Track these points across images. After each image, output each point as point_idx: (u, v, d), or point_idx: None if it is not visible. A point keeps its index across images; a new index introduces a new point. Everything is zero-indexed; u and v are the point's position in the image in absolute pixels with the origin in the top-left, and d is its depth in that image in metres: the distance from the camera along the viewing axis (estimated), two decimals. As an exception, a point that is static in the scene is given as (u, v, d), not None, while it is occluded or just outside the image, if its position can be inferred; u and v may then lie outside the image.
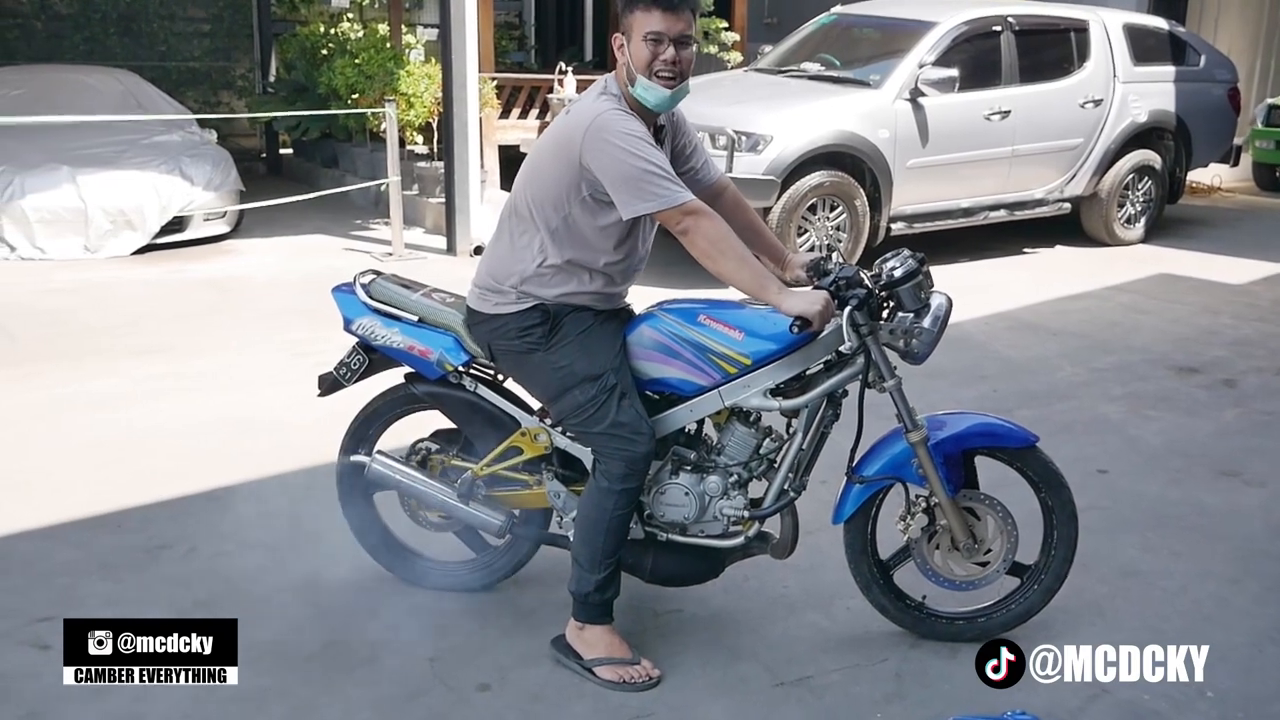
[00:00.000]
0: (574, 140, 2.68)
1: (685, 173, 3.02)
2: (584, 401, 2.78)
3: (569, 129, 2.72)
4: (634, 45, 2.70)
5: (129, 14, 13.02)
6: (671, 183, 2.66)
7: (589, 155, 2.66)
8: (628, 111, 2.70)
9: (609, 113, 2.67)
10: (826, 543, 3.32)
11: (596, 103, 2.72)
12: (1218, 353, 6.02)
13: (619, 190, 2.65)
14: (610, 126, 2.64)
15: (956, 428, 2.95)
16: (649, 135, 2.69)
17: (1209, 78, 9.08)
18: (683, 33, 2.69)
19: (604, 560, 2.84)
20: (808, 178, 7.14)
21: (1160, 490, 4.20)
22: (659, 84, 2.70)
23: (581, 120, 2.69)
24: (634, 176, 2.63)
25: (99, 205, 7.65)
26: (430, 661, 2.96)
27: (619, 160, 2.63)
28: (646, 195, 2.64)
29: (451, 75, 7.98)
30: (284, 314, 6.35)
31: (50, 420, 4.65)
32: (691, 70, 2.77)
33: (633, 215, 2.67)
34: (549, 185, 2.77)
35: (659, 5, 2.66)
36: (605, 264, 2.82)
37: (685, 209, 2.66)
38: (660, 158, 2.68)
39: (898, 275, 2.79)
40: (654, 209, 2.65)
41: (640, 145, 2.63)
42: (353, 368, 3.15)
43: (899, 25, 8.10)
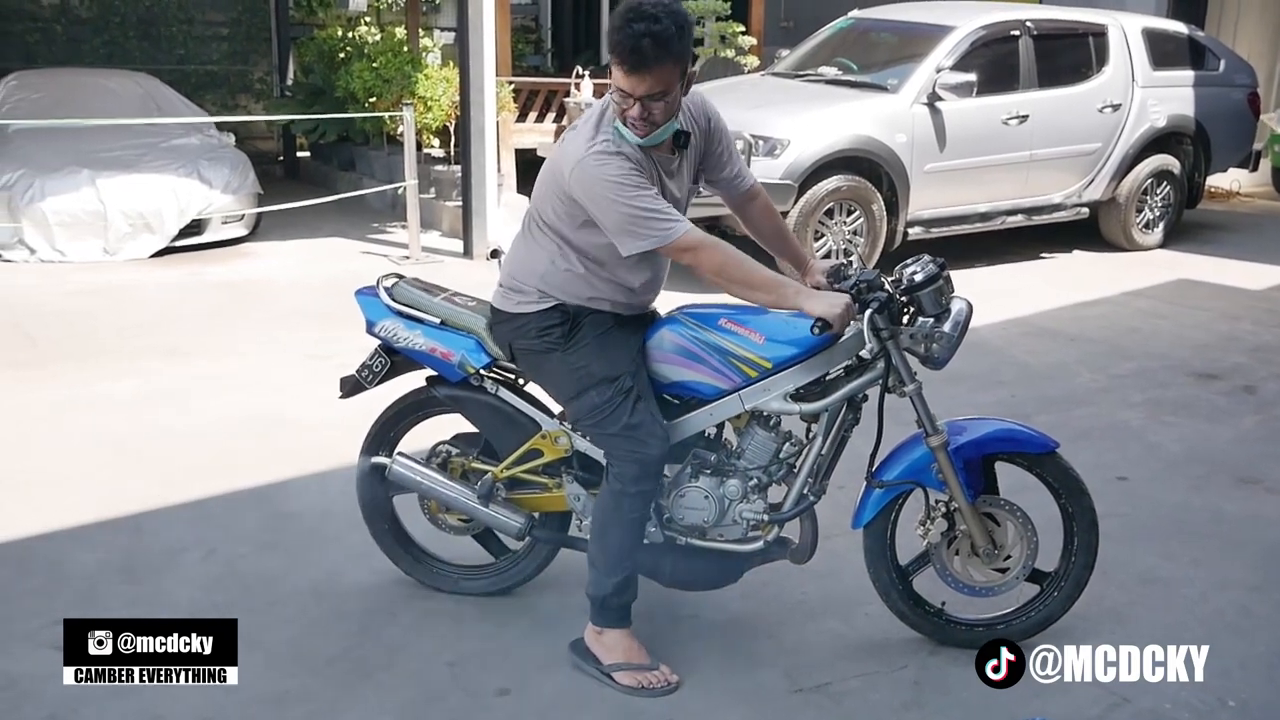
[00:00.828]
0: (562, 176, 2.70)
1: (718, 179, 3.02)
2: (600, 403, 2.79)
3: (559, 164, 2.73)
4: (613, 91, 2.66)
5: (148, 18, 13.12)
6: (662, 221, 2.64)
7: (578, 195, 2.67)
8: (614, 150, 2.64)
9: (591, 156, 2.63)
10: (845, 548, 3.32)
11: (583, 143, 2.67)
12: (1238, 359, 5.98)
13: (613, 233, 2.67)
14: (593, 174, 2.63)
15: (977, 433, 2.95)
16: (635, 173, 2.64)
17: (1228, 82, 9.02)
18: (648, 92, 2.60)
19: (620, 563, 2.85)
20: (824, 182, 7.12)
21: (1180, 497, 4.18)
22: (632, 132, 2.67)
23: (568, 160, 2.68)
24: (625, 219, 2.63)
25: (118, 208, 7.69)
26: (449, 666, 2.97)
27: (605, 207, 2.63)
28: (639, 236, 2.64)
29: (469, 79, 8.00)
30: (302, 316, 6.37)
31: (69, 421, 4.68)
32: (672, 114, 2.68)
33: (630, 253, 2.68)
34: (552, 210, 2.79)
35: (622, 66, 2.59)
36: (620, 276, 2.83)
37: (681, 245, 2.66)
38: (647, 197, 2.64)
39: (918, 280, 2.79)
40: (649, 248, 2.66)
41: (625, 190, 2.61)
42: (375, 370, 3.16)
43: (917, 29, 8.08)
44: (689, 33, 2.63)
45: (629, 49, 2.55)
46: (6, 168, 7.75)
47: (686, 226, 2.68)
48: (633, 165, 2.66)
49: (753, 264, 2.74)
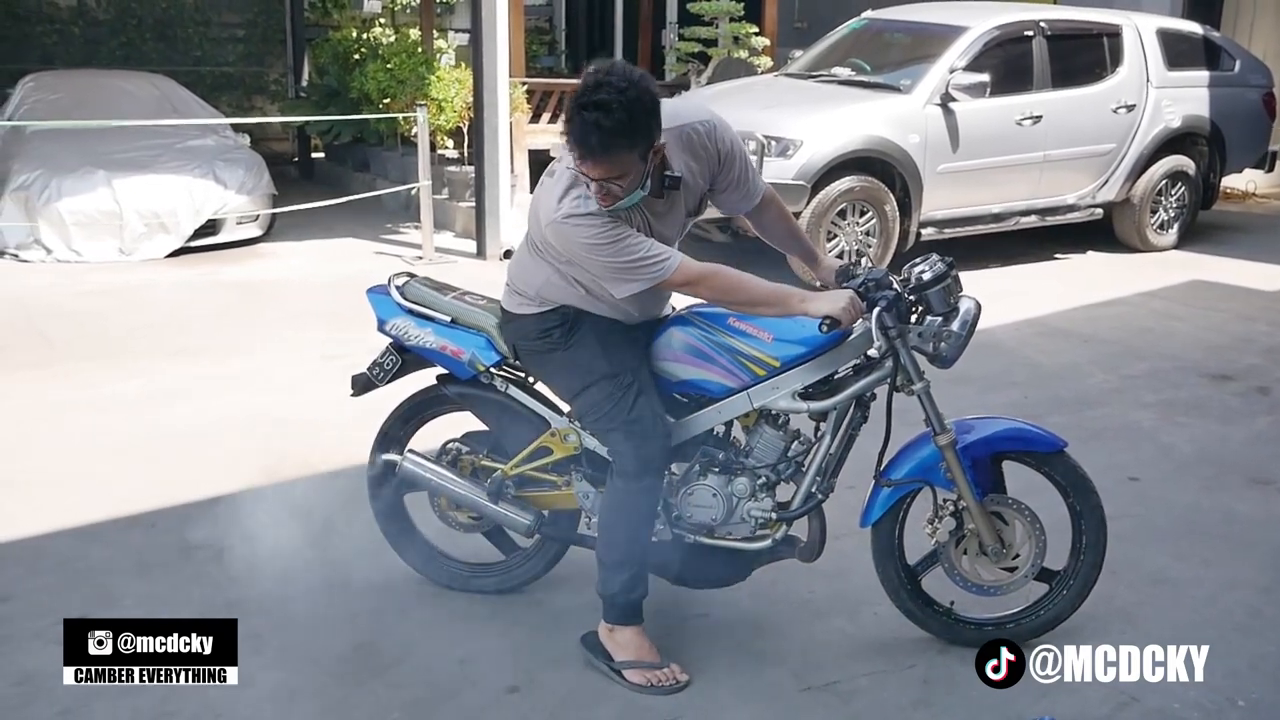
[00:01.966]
0: (543, 232, 2.71)
1: (733, 202, 2.97)
2: (601, 399, 2.80)
3: (536, 215, 2.74)
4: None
5: (165, 19, 13.23)
6: (653, 263, 2.63)
7: (558, 249, 2.69)
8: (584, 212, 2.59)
9: (562, 221, 2.62)
10: (853, 547, 3.32)
11: (554, 202, 2.64)
12: (1251, 360, 5.96)
13: (605, 282, 2.69)
14: (569, 236, 2.62)
15: (985, 432, 2.95)
16: (610, 229, 2.59)
17: (1243, 82, 8.97)
18: (603, 177, 2.53)
19: (627, 559, 2.86)
20: (837, 183, 7.12)
21: (1192, 498, 4.17)
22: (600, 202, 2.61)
23: (543, 215, 2.69)
24: (611, 271, 2.66)
25: (134, 208, 7.75)
26: (460, 663, 2.99)
27: (590, 263, 2.67)
28: (631, 279, 2.66)
29: (482, 80, 8.03)
30: (315, 316, 6.41)
31: (84, 420, 4.72)
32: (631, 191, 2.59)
33: (625, 295, 2.70)
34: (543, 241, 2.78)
35: (575, 151, 2.53)
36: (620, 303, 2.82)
37: (675, 280, 2.67)
38: (629, 245, 2.61)
39: (926, 279, 2.79)
40: (644, 288, 2.68)
41: (603, 249, 2.61)
42: (386, 368, 3.18)
43: (930, 30, 8.07)
44: (647, 115, 2.51)
45: (578, 139, 2.49)
46: (24, 168, 7.84)
47: (678, 261, 2.66)
48: (608, 220, 2.62)
49: (752, 282, 2.74)
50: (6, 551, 3.57)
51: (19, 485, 4.06)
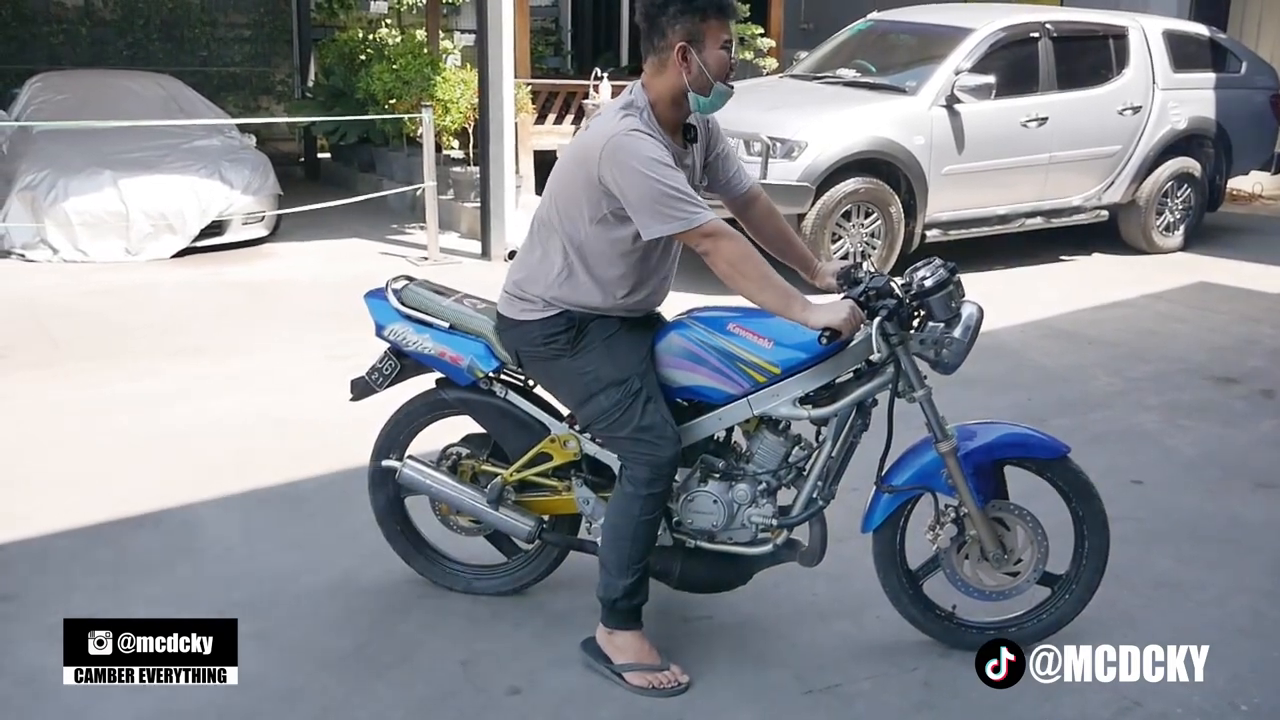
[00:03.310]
0: (591, 158, 2.69)
1: (717, 181, 3.04)
2: (609, 406, 2.80)
3: (586, 147, 2.74)
4: (712, 53, 2.74)
5: (171, 20, 13.26)
6: (690, 204, 2.65)
7: (606, 175, 2.67)
8: (646, 132, 2.68)
9: (624, 135, 2.66)
10: (855, 550, 3.32)
11: (613, 122, 2.71)
12: (1256, 363, 5.95)
13: (638, 212, 2.66)
14: (627, 148, 2.64)
15: (986, 438, 2.95)
16: (667, 156, 2.68)
17: (1250, 84, 8.95)
18: (732, 37, 2.81)
19: (631, 566, 2.86)
20: (842, 184, 7.12)
21: (1196, 502, 4.16)
22: (726, 86, 2.78)
23: (598, 139, 2.69)
24: (652, 198, 2.63)
25: (140, 208, 7.77)
26: (462, 664, 2.99)
27: (637, 183, 2.63)
28: (665, 217, 2.64)
29: (488, 81, 8.04)
30: (320, 316, 6.42)
31: (90, 419, 4.74)
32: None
33: (651, 236, 2.68)
34: (571, 200, 2.78)
35: (729, 14, 2.77)
36: (627, 279, 2.83)
37: (704, 231, 2.66)
38: (679, 179, 2.67)
39: (928, 285, 2.78)
40: (673, 230, 2.66)
41: (658, 167, 2.63)
42: (384, 373, 3.19)
43: (935, 31, 8.07)
44: None
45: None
46: (30, 168, 7.86)
47: (711, 214, 2.69)
48: (665, 148, 2.69)
49: (768, 266, 2.75)
50: (10, 551, 3.58)
51: (23, 484, 4.08)
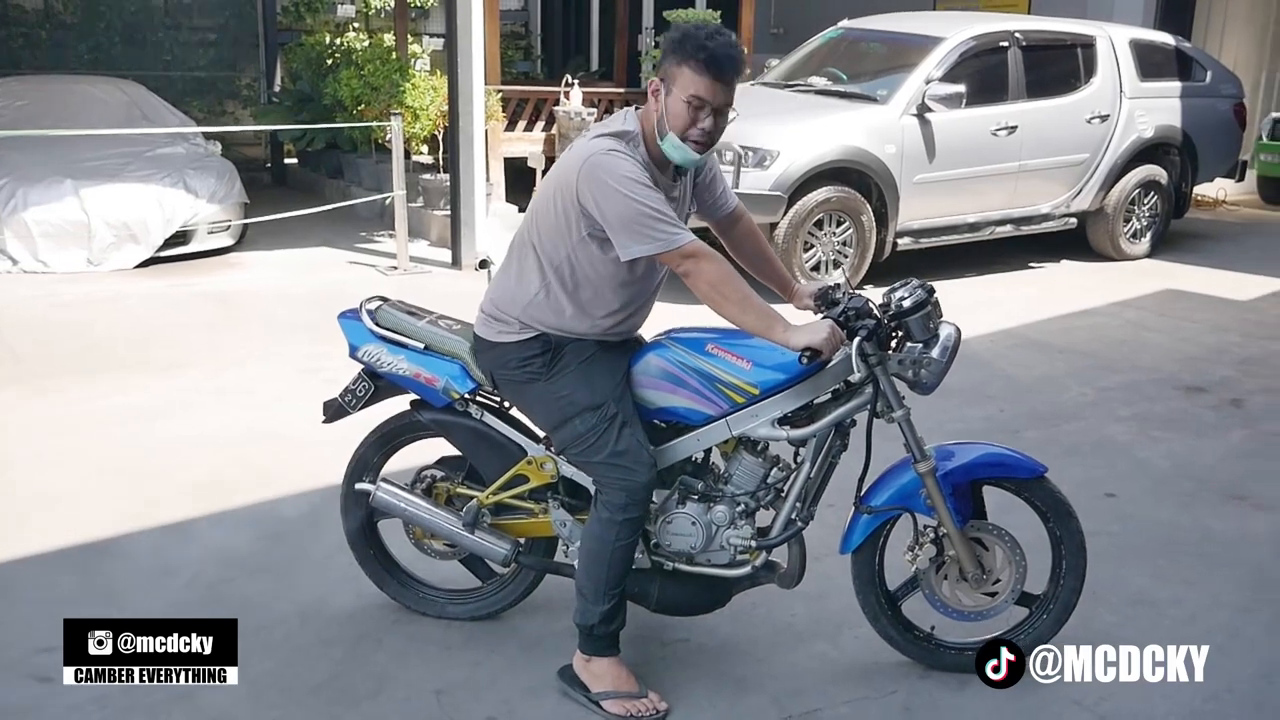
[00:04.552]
0: (570, 179, 2.66)
1: (705, 204, 3.01)
2: (584, 431, 2.77)
3: (566, 167, 2.70)
4: (673, 101, 2.64)
5: (134, 23, 13.07)
6: (670, 225, 2.61)
7: (585, 195, 2.63)
8: (626, 152, 2.64)
9: (603, 154, 2.62)
10: (835, 570, 3.30)
11: (594, 141, 2.67)
12: (1225, 372, 6.00)
13: (616, 233, 2.62)
14: (605, 166, 2.60)
15: (965, 458, 2.93)
16: (646, 176, 2.63)
17: (1214, 93, 9.06)
18: (725, 103, 2.65)
19: (608, 591, 2.82)
20: (814, 193, 7.13)
21: (1169, 515, 4.18)
22: (690, 147, 2.66)
23: (576, 159, 2.66)
24: (631, 219, 2.59)
25: (102, 218, 7.65)
26: (437, 694, 2.94)
27: (615, 202, 2.59)
28: (644, 238, 2.60)
29: (457, 87, 7.98)
30: (290, 329, 6.34)
31: (52, 439, 4.64)
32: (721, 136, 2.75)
33: (630, 257, 2.64)
34: (552, 221, 2.75)
35: (711, 72, 2.60)
36: (608, 303, 2.80)
37: (684, 252, 2.62)
38: (658, 200, 2.62)
39: (907, 305, 2.77)
40: (652, 251, 2.62)
41: (636, 187, 2.59)
42: (358, 394, 3.14)
43: (906, 40, 8.09)
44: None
45: (723, 56, 2.60)
46: (-11, 177, 7.70)
47: (691, 235, 2.66)
48: (645, 171, 2.65)
49: (749, 287, 2.72)
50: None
51: (-15, 508, 3.98)
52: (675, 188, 2.82)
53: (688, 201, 2.92)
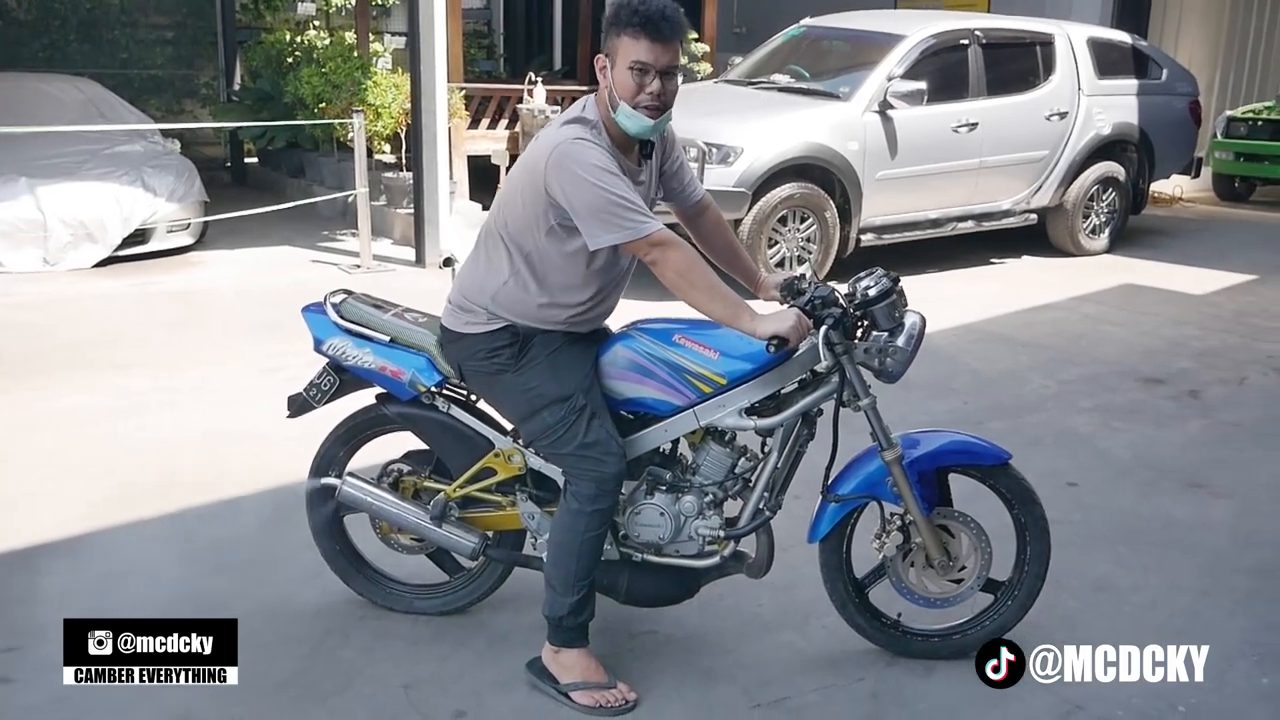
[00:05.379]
0: (538, 168, 2.65)
1: (672, 190, 3.01)
2: (553, 423, 2.76)
3: (534, 156, 2.69)
4: (618, 72, 2.64)
5: (90, 20, 12.88)
6: (638, 213, 2.61)
7: (553, 184, 2.62)
8: (593, 141, 2.64)
9: (570, 142, 2.61)
10: (802, 560, 3.31)
11: (561, 130, 2.66)
12: (1183, 364, 6.09)
13: (584, 221, 2.61)
14: (572, 155, 2.59)
15: (931, 446, 2.96)
16: (614, 164, 2.63)
17: (1170, 90, 9.20)
18: (670, 64, 2.64)
19: (577, 583, 2.82)
20: (778, 190, 7.15)
21: (1130, 503, 4.23)
22: (643, 114, 2.66)
23: (544, 148, 2.65)
24: (598, 208, 2.58)
25: (58, 217, 7.52)
26: (404, 688, 2.92)
27: (583, 191, 2.58)
28: (612, 226, 2.60)
29: (420, 85, 7.94)
30: (251, 328, 6.27)
31: (9, 440, 4.56)
32: (675, 99, 2.73)
33: (598, 246, 2.64)
34: (519, 211, 2.74)
35: (648, 34, 2.59)
36: (577, 291, 2.80)
37: (652, 240, 2.62)
38: (626, 188, 2.62)
39: (872, 294, 2.79)
40: (620, 240, 2.61)
41: (604, 175, 2.58)
42: (323, 389, 3.11)
43: (867, 38, 8.15)
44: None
45: (657, 17, 2.58)
46: (-59, 176, 7.56)
47: (659, 224, 2.65)
48: (612, 158, 2.64)
49: (716, 276, 2.72)
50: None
51: (-60, 509, 3.91)
52: (641, 171, 2.82)
53: (654, 187, 2.92)
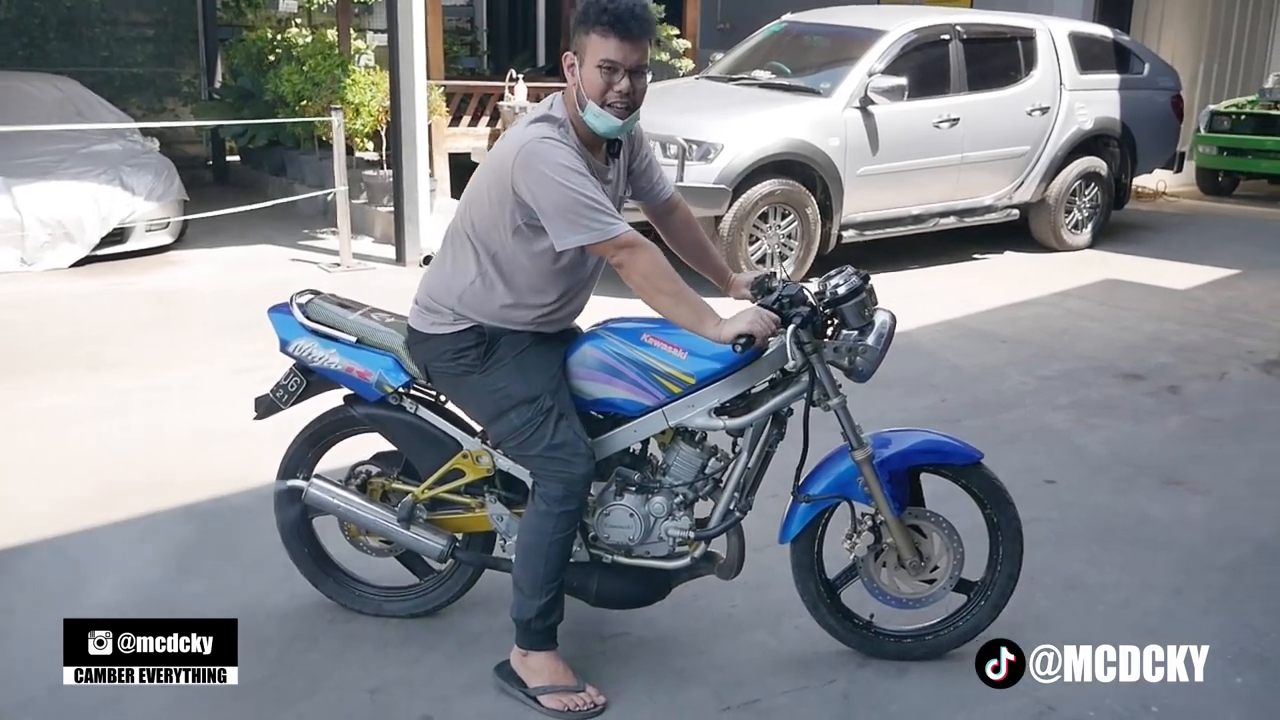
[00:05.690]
0: (505, 167, 2.63)
1: (640, 189, 2.99)
2: (520, 424, 2.74)
3: (501, 155, 2.66)
4: (586, 70, 2.62)
5: (69, 18, 12.76)
6: (605, 214, 2.59)
7: (520, 184, 2.60)
8: (560, 140, 2.61)
9: (537, 142, 2.59)
10: (775, 560, 3.29)
11: (529, 129, 2.64)
12: (1163, 359, 6.08)
13: (551, 221, 2.59)
14: (540, 154, 2.57)
15: (901, 445, 2.94)
16: (582, 165, 2.61)
17: (1153, 85, 9.20)
18: (639, 63, 2.62)
19: (545, 585, 2.79)
20: (759, 186, 7.13)
21: (1106, 500, 4.22)
22: (611, 113, 2.63)
23: (511, 147, 2.62)
24: (566, 207, 2.56)
25: (36, 216, 7.46)
26: (371, 693, 2.89)
27: (550, 191, 2.56)
28: (579, 227, 2.57)
29: (399, 83, 7.89)
30: (228, 328, 6.23)
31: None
32: (644, 98, 2.70)
33: (565, 247, 2.62)
34: (486, 210, 2.72)
35: (616, 32, 2.57)
36: (544, 292, 2.77)
37: (619, 242, 2.60)
38: (593, 188, 2.60)
39: (841, 293, 2.77)
40: (586, 241, 2.59)
41: (571, 176, 2.56)
42: (290, 390, 3.08)
43: (848, 33, 8.13)
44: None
45: (626, 15, 2.56)
46: (-84, 175, 7.50)
47: (626, 226, 2.63)
48: (579, 158, 2.62)
49: (681, 281, 2.69)
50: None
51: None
52: (609, 170, 2.80)
53: (622, 186, 2.89)
